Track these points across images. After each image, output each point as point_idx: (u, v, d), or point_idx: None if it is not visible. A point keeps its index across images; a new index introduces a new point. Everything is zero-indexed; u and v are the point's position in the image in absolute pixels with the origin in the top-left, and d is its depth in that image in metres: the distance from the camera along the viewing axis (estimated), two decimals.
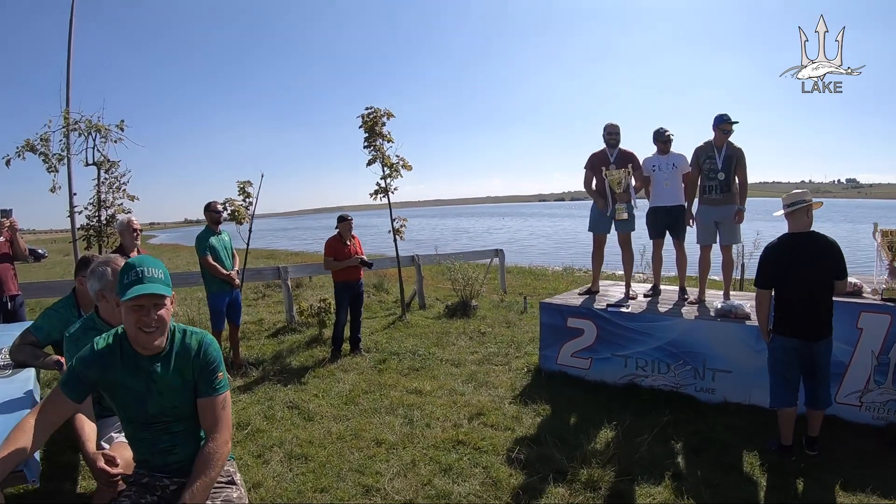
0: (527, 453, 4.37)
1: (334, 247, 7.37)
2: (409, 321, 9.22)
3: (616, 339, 5.97)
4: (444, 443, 4.63)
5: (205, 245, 6.59)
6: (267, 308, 11.12)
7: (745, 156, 6.11)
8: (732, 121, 5.99)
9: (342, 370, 6.76)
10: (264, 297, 12.34)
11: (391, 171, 8.96)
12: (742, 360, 5.30)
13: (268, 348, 7.90)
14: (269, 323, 9.53)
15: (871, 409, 4.82)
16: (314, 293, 11.76)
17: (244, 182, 7.32)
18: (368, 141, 8.81)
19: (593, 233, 6.87)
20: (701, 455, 4.38)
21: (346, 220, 7.48)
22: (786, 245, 4.24)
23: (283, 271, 9.38)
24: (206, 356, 2.33)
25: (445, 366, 6.87)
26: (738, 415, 5.13)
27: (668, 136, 6.45)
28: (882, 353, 4.71)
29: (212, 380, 2.33)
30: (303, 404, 5.58)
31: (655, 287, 6.82)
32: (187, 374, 2.30)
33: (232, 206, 7.15)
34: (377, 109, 8.72)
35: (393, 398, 5.72)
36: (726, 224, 6.12)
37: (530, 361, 6.86)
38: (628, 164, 6.43)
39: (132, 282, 2.15)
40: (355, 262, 7.32)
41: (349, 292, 7.42)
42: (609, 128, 6.58)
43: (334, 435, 4.84)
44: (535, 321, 9.08)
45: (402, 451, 4.52)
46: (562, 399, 5.61)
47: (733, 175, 6.06)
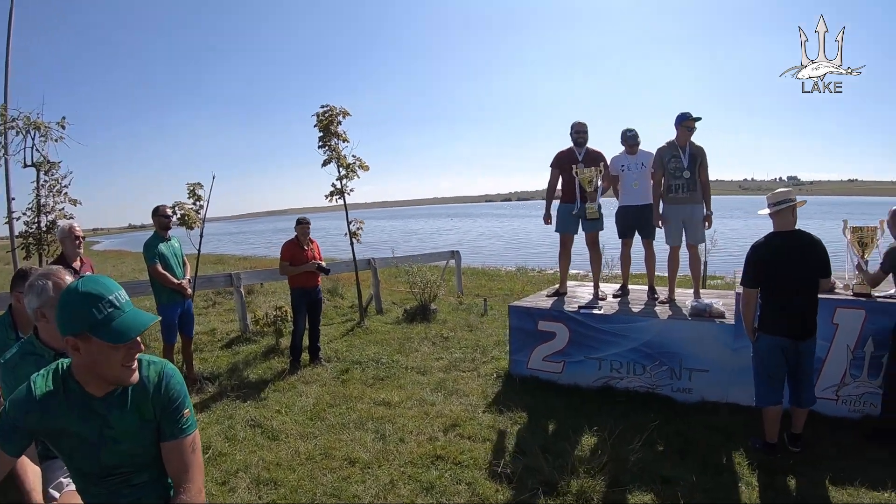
0: (511, 466, 4.17)
1: (291, 251, 7.00)
2: (368, 327, 8.89)
3: (589, 341, 5.84)
4: (422, 458, 4.37)
5: (154, 253, 6.11)
6: (219, 317, 10.56)
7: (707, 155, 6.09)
8: (695, 117, 5.93)
9: (303, 382, 6.39)
10: (215, 304, 11.72)
11: (347, 171, 8.61)
12: (719, 358, 5.28)
13: (223, 360, 7.44)
14: (222, 333, 9.03)
15: (847, 403, 4.89)
16: (266, 300, 11.30)
17: (194, 184, 6.85)
18: (323, 141, 8.44)
19: (560, 233, 6.71)
20: (687, 458, 4.30)
21: (304, 223, 7.12)
22: (773, 244, 4.22)
23: (235, 278, 8.88)
24: (169, 391, 1.94)
25: (411, 374, 6.59)
26: (718, 414, 5.09)
27: (636, 136, 6.39)
28: (857, 347, 4.77)
29: (177, 419, 1.94)
30: (265, 422, 5.21)
31: (624, 287, 6.76)
32: (147, 413, 1.91)
33: (182, 209, 6.68)
34: (333, 108, 8.37)
35: (360, 411, 5.41)
36: (693, 223, 6.09)
37: (499, 366, 6.66)
38: (600, 163, 6.30)
39: (110, 316, 1.74)
40: (312, 267, 6.97)
41: (306, 299, 7.06)
42: (577, 126, 6.46)
43: (303, 455, 4.49)
44: (496, 324, 8.95)
45: (378, 469, 4.23)
46: (537, 405, 5.43)
47: (697, 174, 6.01)
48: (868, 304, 4.76)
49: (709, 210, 6.11)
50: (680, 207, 6.06)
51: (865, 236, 4.95)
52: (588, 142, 6.50)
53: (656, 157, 6.14)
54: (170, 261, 6.18)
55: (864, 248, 4.96)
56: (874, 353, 4.72)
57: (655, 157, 6.15)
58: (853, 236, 5.03)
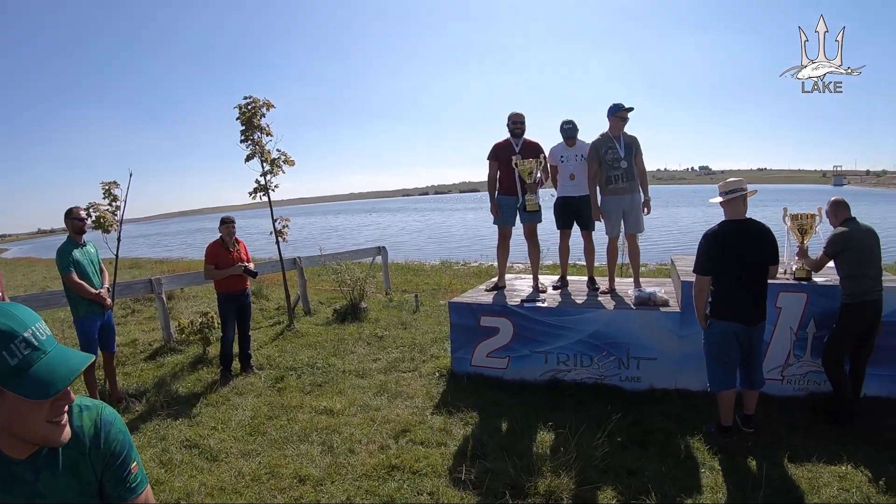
0: (474, 471, 3.99)
1: (216, 253, 6.51)
2: (298, 330, 8.45)
3: (535, 335, 5.77)
4: (376, 470, 4.11)
5: (68, 260, 5.47)
6: (139, 326, 9.73)
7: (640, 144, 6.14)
8: (627, 107, 5.96)
9: (237, 394, 5.94)
10: (134, 312, 10.77)
11: (272, 167, 8.15)
12: (666, 346, 5.36)
13: (148, 374, 6.82)
14: (144, 343, 8.31)
15: (792, 382, 5.11)
16: (189, 306, 10.68)
17: (109, 183, 6.23)
18: (245, 135, 7.94)
19: (499, 226, 6.59)
20: (648, 448, 4.31)
21: (229, 223, 6.64)
22: (726, 232, 4.28)
23: (156, 284, 8.21)
24: (110, 443, 1.51)
25: (350, 378, 6.29)
26: (668, 401, 5.15)
27: (575, 127, 6.36)
28: (800, 328, 5.00)
29: (123, 477, 1.53)
30: (202, 441, 4.76)
31: (563, 278, 6.74)
32: (85, 474, 1.48)
33: (96, 211, 6.09)
34: (256, 99, 7.84)
35: (303, 422, 5.07)
36: (633, 213, 6.13)
37: (440, 365, 6.48)
38: (539, 155, 6.22)
39: (27, 361, 1.26)
40: (239, 270, 6.50)
41: (234, 304, 6.59)
42: (514, 117, 6.35)
43: (248, 476, 4.11)
44: (430, 320, 8.79)
45: (332, 486, 3.93)
46: (486, 403, 5.30)
47: (633, 163, 6.04)
48: (809, 287, 5.00)
49: (646, 196, 6.16)
50: (620, 198, 6.08)
51: (805, 223, 5.15)
52: (525, 133, 6.40)
53: (591, 150, 6.12)
54: (86, 268, 5.59)
55: (804, 234, 5.17)
56: (816, 334, 4.95)
57: (591, 150, 6.13)
58: (793, 223, 5.23)
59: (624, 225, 6.19)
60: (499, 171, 6.44)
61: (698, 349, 4.73)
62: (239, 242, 6.72)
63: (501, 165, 6.38)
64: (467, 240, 27.04)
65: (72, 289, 5.51)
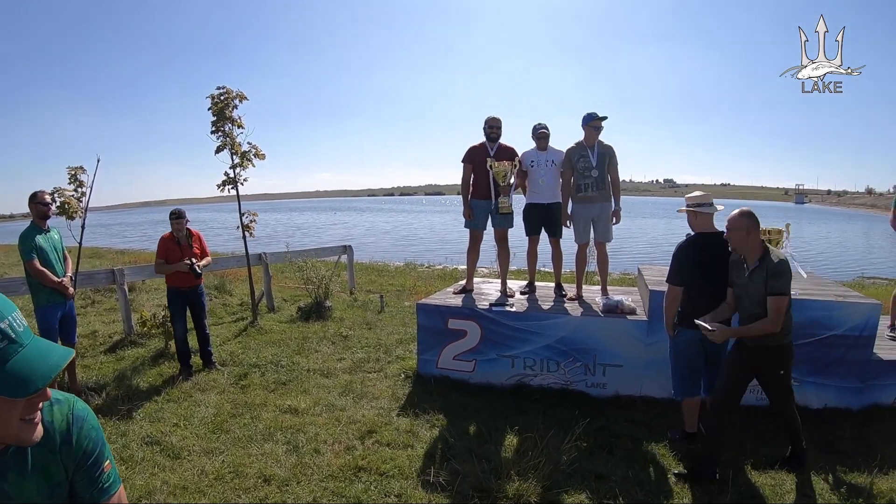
0: (441, 473, 3.98)
1: (165, 247, 6.30)
2: (262, 327, 8.32)
3: (502, 339, 5.80)
4: (343, 471, 4.06)
5: (31, 246, 5.28)
6: (99, 317, 9.38)
7: (617, 154, 6.20)
8: (601, 116, 6.03)
9: (199, 390, 5.79)
10: (94, 303, 10.34)
11: (242, 160, 8.01)
12: (632, 353, 5.45)
13: (107, 367, 6.60)
14: (104, 335, 8.02)
15: (755, 392, 5.03)
16: (150, 298, 10.41)
17: (76, 168, 6.02)
18: (216, 126, 7.78)
19: (470, 229, 6.61)
20: (615, 453, 4.38)
21: (178, 217, 6.39)
22: (700, 244, 4.35)
23: (118, 274, 7.94)
24: (82, 440, 1.41)
25: (314, 377, 6.21)
26: (633, 408, 5.24)
27: (546, 132, 6.40)
28: None
29: (95, 477, 1.43)
30: (163, 438, 4.62)
31: (531, 283, 6.79)
32: (56, 475, 1.38)
33: (61, 196, 5.90)
34: (229, 90, 7.69)
35: (267, 421, 4.97)
36: (602, 221, 6.21)
37: (406, 366, 6.46)
38: (514, 158, 6.26)
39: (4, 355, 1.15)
40: (184, 268, 6.24)
41: (183, 301, 6.41)
42: (490, 121, 6.37)
43: (211, 475, 4.01)
44: (395, 321, 8.78)
45: (297, 486, 3.87)
46: (453, 406, 5.30)
47: (606, 173, 6.11)
48: None
49: (617, 206, 6.24)
50: (589, 206, 6.16)
51: (772, 238, 5.23)
52: (501, 137, 6.43)
53: (565, 157, 6.20)
54: (49, 255, 5.39)
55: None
56: None
57: (565, 157, 6.21)
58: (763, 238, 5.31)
59: (593, 233, 6.26)
60: (472, 174, 6.45)
61: (663, 357, 4.81)
62: (194, 235, 6.50)
63: (476, 168, 6.39)
64: (432, 242, 27.05)
65: (33, 276, 5.33)
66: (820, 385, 5.14)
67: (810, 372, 5.10)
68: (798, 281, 5.88)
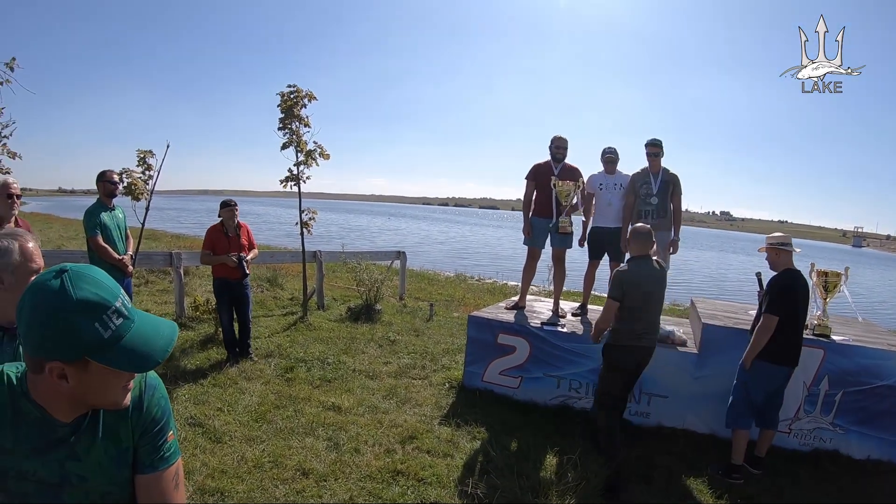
0: (479, 485, 3.97)
1: (213, 238, 6.34)
2: (311, 323, 8.45)
3: (550, 358, 5.75)
4: (381, 473, 4.10)
5: (95, 222, 5.50)
6: (152, 297, 9.76)
7: (681, 183, 6.07)
8: (651, 141, 5.99)
9: (245, 378, 5.94)
10: (148, 283, 10.83)
11: (307, 158, 8.18)
12: (678, 385, 5.33)
13: None
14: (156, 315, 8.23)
15: (798, 436, 5.07)
16: (202, 284, 10.66)
17: (145, 152, 6.20)
18: (284, 123, 7.99)
19: (529, 246, 6.58)
20: (652, 484, 4.29)
21: (230, 207, 6.41)
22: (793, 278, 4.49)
23: (175, 257, 8.20)
24: (152, 408, 1.44)
25: (360, 378, 6.27)
26: (675, 440, 5.13)
27: (614, 156, 6.37)
28: (813, 384, 4.96)
29: (159, 445, 1.45)
30: (207, 421, 4.76)
31: (584, 306, 6.73)
32: (125, 440, 1.41)
33: (129, 178, 6.06)
34: (299, 89, 7.92)
35: (309, 415, 5.06)
36: (658, 249, 6.03)
37: (450, 376, 6.45)
38: (578, 179, 6.19)
39: (119, 332, 1.20)
40: (231, 262, 6.27)
41: (228, 293, 6.45)
42: (557, 141, 6.38)
43: (250, 462, 4.11)
44: (443, 330, 8.75)
45: (335, 483, 3.93)
46: (495, 421, 5.28)
47: (668, 201, 6.03)
48: (827, 344, 4.95)
49: (676, 235, 6.10)
50: None
51: (830, 281, 5.14)
52: (566, 158, 6.38)
53: (630, 183, 6.21)
54: (112, 233, 5.61)
55: (829, 291, 5.16)
56: (829, 392, 4.93)
57: (629, 182, 6.19)
58: (818, 279, 5.21)
59: None
60: (535, 191, 6.41)
61: (711, 391, 4.90)
62: (242, 227, 6.55)
63: (539, 186, 6.39)
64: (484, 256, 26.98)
65: (96, 252, 5.52)
66: (865, 435, 4.94)
67: (857, 421, 4.92)
68: (852, 326, 5.73)
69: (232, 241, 6.36)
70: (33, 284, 1.19)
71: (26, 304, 1.17)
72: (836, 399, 4.87)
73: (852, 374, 4.82)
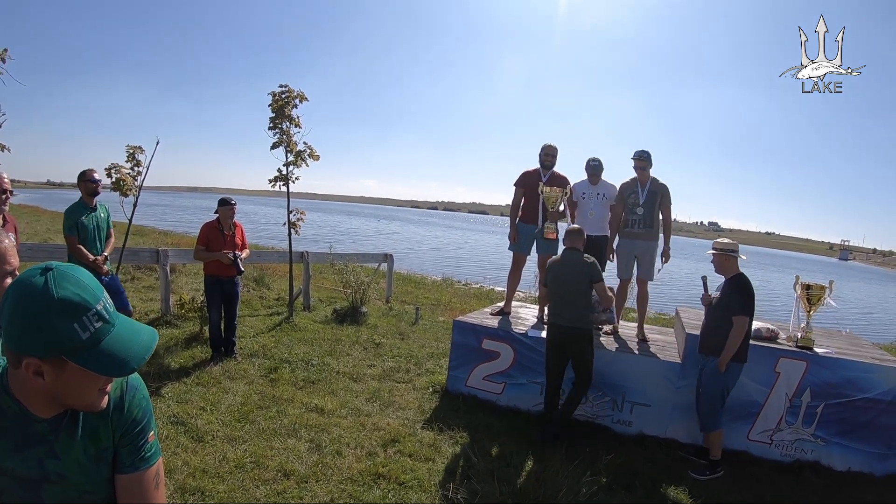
0: (460, 489, 3.96)
1: (208, 235, 6.34)
2: (296, 324, 8.42)
3: (534, 364, 5.76)
4: (362, 476, 4.10)
5: (73, 223, 5.51)
6: (137, 293, 9.64)
7: (670, 193, 6.11)
8: (638, 154, 6.07)
9: (229, 378, 5.90)
10: (133, 279, 10.69)
11: (296, 158, 8.17)
12: (661, 395, 5.37)
13: None
14: (141, 312, 8.21)
15: (780, 447, 5.11)
16: (189, 282, 10.60)
17: (134, 147, 6.15)
18: (274, 122, 7.98)
19: (514, 252, 6.63)
20: (633, 491, 4.31)
21: (229, 205, 6.42)
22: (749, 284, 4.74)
23: (162, 255, 8.14)
24: (133, 409, 1.45)
25: (343, 380, 6.26)
26: (657, 449, 5.15)
27: (600, 165, 6.40)
28: (795, 395, 5.01)
29: (139, 446, 1.47)
30: (189, 420, 4.73)
31: None
32: (105, 440, 1.42)
33: (118, 173, 6.02)
34: (291, 89, 7.91)
35: (292, 416, 5.04)
36: (646, 259, 6.15)
37: (434, 380, 6.45)
38: (565, 186, 6.24)
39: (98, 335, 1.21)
40: (226, 259, 6.29)
41: (220, 290, 6.45)
42: (546, 149, 6.44)
43: (231, 462, 4.09)
44: (428, 334, 8.75)
45: (316, 485, 3.91)
46: (478, 426, 5.29)
47: (657, 211, 6.08)
48: (810, 356, 5.00)
49: (666, 245, 6.15)
50: (633, 242, 6.16)
51: (813, 294, 5.20)
52: (555, 166, 6.45)
53: (619, 192, 6.25)
54: (89, 234, 5.60)
55: (812, 304, 5.24)
56: (810, 403, 4.97)
57: (618, 192, 6.24)
58: (803, 292, 5.28)
59: (636, 269, 6.18)
60: (523, 198, 6.47)
61: (693, 401, 4.95)
62: (236, 226, 6.56)
63: (527, 193, 6.45)
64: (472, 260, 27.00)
65: (71, 252, 5.54)
66: (846, 447, 5.00)
67: (838, 433, 4.98)
68: (836, 339, 5.84)
69: (227, 239, 6.38)
70: (18, 280, 1.20)
71: (9, 299, 1.18)
72: (817, 411, 4.94)
73: (834, 387, 4.89)
